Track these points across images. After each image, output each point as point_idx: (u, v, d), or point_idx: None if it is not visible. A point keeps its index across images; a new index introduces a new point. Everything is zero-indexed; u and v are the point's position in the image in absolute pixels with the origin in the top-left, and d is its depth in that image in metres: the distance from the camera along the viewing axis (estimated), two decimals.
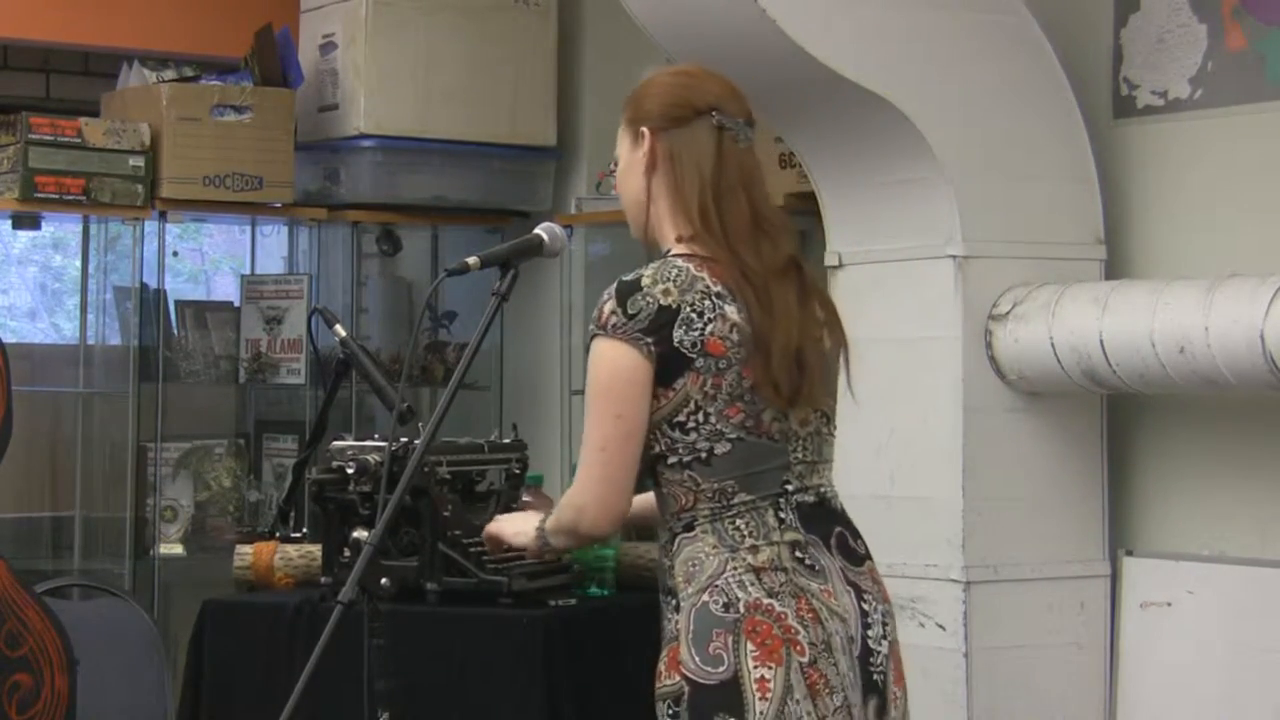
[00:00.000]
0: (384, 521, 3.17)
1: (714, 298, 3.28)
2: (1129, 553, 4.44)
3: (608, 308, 3.26)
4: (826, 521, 3.31)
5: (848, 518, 3.36)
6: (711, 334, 3.25)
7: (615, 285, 3.28)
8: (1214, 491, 4.34)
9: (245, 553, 4.13)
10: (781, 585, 3.22)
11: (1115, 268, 4.47)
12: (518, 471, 4.02)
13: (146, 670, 5.31)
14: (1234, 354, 3.89)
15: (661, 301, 3.25)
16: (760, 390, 3.27)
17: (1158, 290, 4.07)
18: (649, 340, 3.23)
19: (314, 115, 5.89)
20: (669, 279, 3.28)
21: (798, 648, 3.19)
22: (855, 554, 3.33)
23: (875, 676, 3.28)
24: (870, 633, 3.29)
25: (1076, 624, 4.40)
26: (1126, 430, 4.50)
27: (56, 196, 5.49)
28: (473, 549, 3.72)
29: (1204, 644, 4.25)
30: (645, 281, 3.27)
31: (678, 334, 3.24)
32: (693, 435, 3.25)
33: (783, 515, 3.27)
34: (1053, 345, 4.19)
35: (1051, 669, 4.36)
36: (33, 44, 6.34)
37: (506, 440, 4.08)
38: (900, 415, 4.37)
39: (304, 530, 4.23)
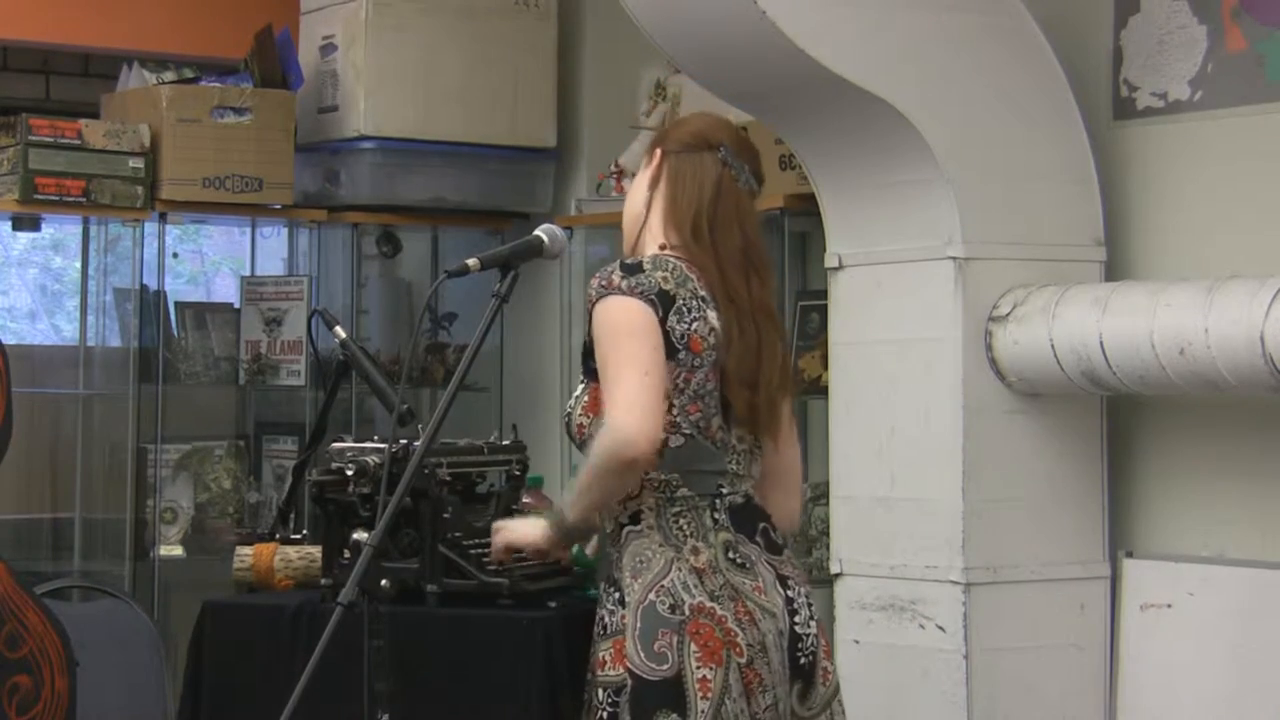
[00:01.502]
0: (384, 523, 3.18)
1: (700, 299, 3.46)
2: (1129, 554, 4.44)
3: (616, 275, 3.42)
4: (753, 519, 3.51)
5: (768, 514, 3.55)
6: (695, 332, 3.44)
7: (618, 264, 3.44)
8: (1214, 493, 4.34)
9: (245, 554, 4.13)
10: (720, 588, 3.40)
11: (1115, 269, 4.47)
12: (518, 473, 4.02)
13: (146, 671, 5.31)
14: (1234, 355, 3.89)
15: (662, 286, 3.43)
16: (735, 414, 3.47)
17: (1158, 292, 4.07)
18: (658, 307, 3.40)
19: (314, 117, 5.89)
20: (666, 269, 3.46)
21: (737, 649, 3.38)
22: (775, 544, 3.52)
23: (802, 661, 3.46)
24: (797, 619, 3.47)
25: (1076, 625, 4.40)
26: (1126, 432, 4.50)
27: (56, 198, 5.49)
28: (473, 550, 3.72)
29: (1204, 645, 4.25)
30: (646, 265, 3.45)
31: (671, 320, 3.41)
32: None
33: (717, 515, 3.46)
34: (1053, 347, 4.19)
35: (1051, 670, 4.36)
36: (33, 45, 6.35)
37: (506, 442, 4.08)
38: (900, 416, 4.37)
39: (304, 531, 4.24)
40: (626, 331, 3.37)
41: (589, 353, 3.47)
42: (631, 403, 3.32)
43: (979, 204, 4.31)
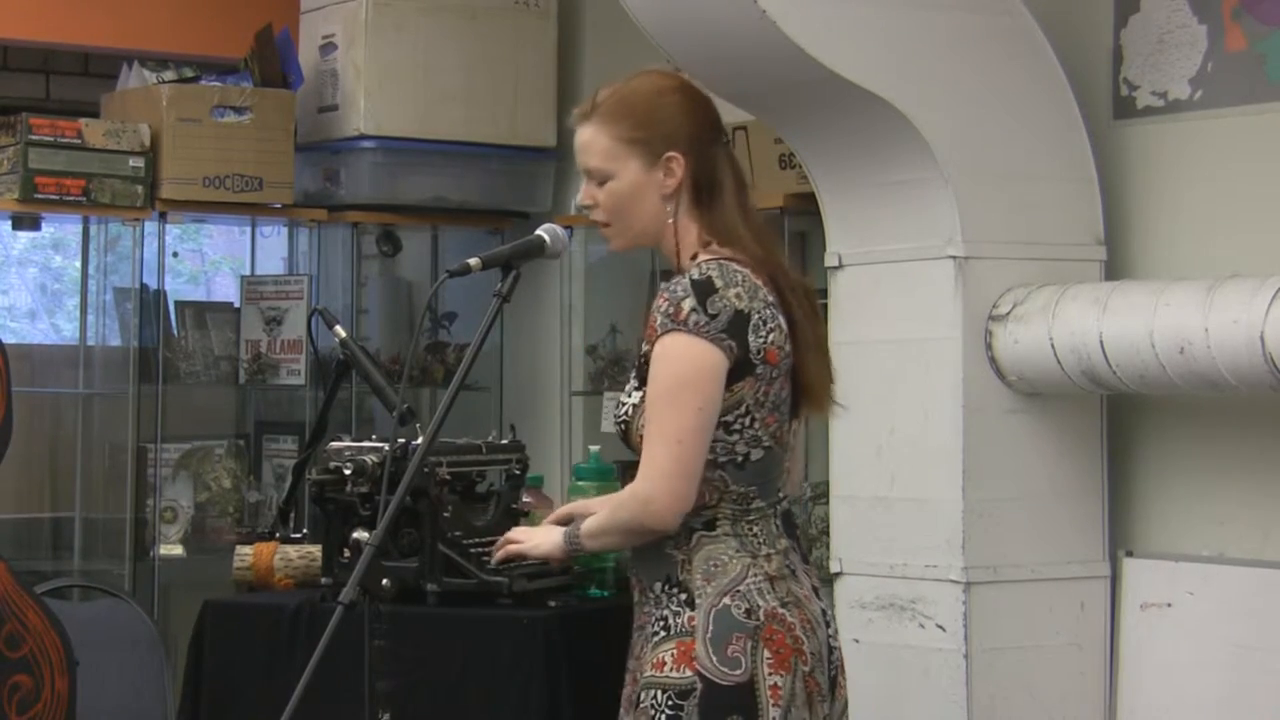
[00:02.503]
0: (385, 522, 3.18)
1: (772, 307, 3.37)
2: (1129, 553, 4.44)
3: (687, 304, 3.28)
4: (793, 525, 3.47)
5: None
6: (772, 343, 3.34)
7: (688, 283, 3.31)
8: (1214, 492, 4.34)
9: (245, 553, 4.13)
10: (787, 594, 3.34)
11: (1115, 268, 4.47)
12: (518, 472, 4.02)
13: (146, 671, 5.31)
14: (1234, 355, 3.89)
15: (737, 305, 3.30)
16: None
17: (1158, 291, 4.07)
18: (731, 342, 3.30)
19: (314, 116, 5.89)
20: (738, 283, 3.34)
21: (803, 658, 3.31)
22: (804, 554, 3.48)
23: (831, 672, 3.40)
24: (830, 629, 3.42)
25: (1076, 625, 4.40)
26: (1126, 431, 4.50)
27: (56, 197, 5.49)
28: (473, 549, 3.72)
29: (1204, 645, 4.25)
30: (718, 283, 3.32)
31: (750, 338, 3.31)
32: (735, 438, 3.33)
33: (777, 523, 3.40)
34: (1053, 346, 4.19)
35: (1051, 670, 4.36)
36: (33, 45, 6.35)
37: (504, 441, 4.08)
38: (900, 416, 4.37)
39: (304, 531, 4.24)
40: (678, 384, 3.27)
41: (649, 365, 3.33)
42: (663, 473, 3.26)
43: (979, 203, 4.30)
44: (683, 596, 3.32)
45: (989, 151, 4.34)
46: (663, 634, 3.32)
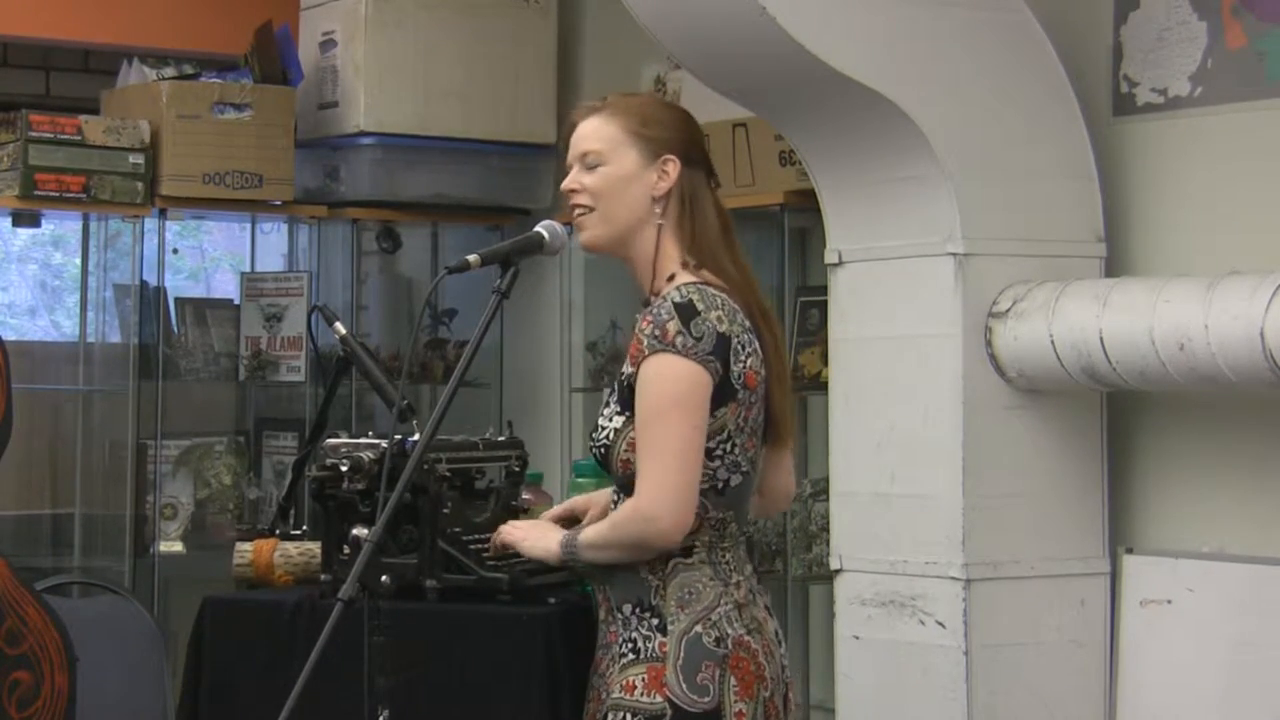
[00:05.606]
0: (384, 519, 3.17)
1: (748, 331, 3.39)
2: (1129, 550, 4.44)
3: (672, 327, 3.30)
4: (751, 548, 3.56)
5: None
6: (750, 368, 3.36)
7: (671, 306, 3.32)
8: (1214, 489, 4.34)
9: (245, 550, 4.13)
10: (752, 621, 3.37)
11: (1115, 265, 4.47)
12: (517, 469, 4.02)
13: (146, 668, 5.30)
14: (1234, 351, 3.88)
15: (719, 328, 3.32)
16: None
17: (1157, 288, 4.07)
18: (716, 364, 3.31)
19: (314, 113, 5.89)
20: (718, 306, 3.35)
21: (764, 683, 3.35)
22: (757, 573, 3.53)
23: (784, 690, 3.43)
24: (783, 649, 3.46)
25: (1076, 622, 4.40)
26: (1126, 428, 4.50)
27: (56, 194, 5.49)
28: (472, 546, 3.72)
29: (1204, 642, 4.25)
30: (700, 306, 3.33)
31: (731, 362, 3.33)
32: (717, 463, 3.34)
33: (744, 549, 3.44)
34: (1052, 343, 4.19)
35: (1051, 667, 4.36)
36: (33, 42, 6.35)
37: (501, 438, 4.08)
38: (900, 413, 4.37)
39: (304, 527, 4.24)
40: (672, 402, 3.27)
41: (631, 389, 3.34)
42: (665, 489, 3.26)
43: (979, 200, 4.30)
44: (654, 621, 3.35)
45: (989, 148, 4.34)
46: (632, 656, 3.35)
